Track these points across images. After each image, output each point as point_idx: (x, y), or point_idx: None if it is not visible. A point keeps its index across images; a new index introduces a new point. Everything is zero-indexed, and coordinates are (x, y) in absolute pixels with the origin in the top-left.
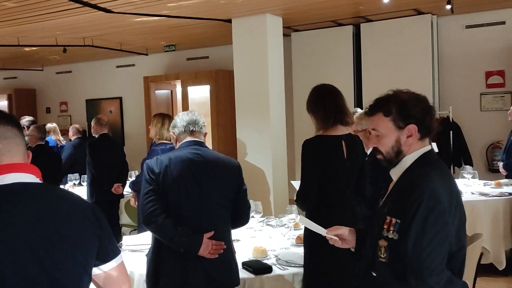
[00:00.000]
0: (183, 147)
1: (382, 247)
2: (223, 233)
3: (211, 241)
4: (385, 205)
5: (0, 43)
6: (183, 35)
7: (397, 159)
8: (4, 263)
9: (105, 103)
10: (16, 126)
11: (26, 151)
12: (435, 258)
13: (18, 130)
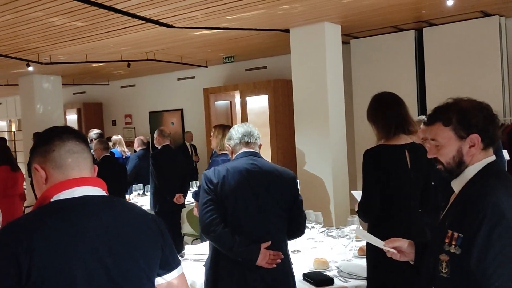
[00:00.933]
0: (239, 157)
1: (444, 262)
2: (279, 243)
3: (269, 251)
4: (446, 218)
5: (70, 61)
6: (241, 47)
7: (458, 170)
8: (75, 274)
9: (167, 115)
10: (84, 142)
11: (93, 165)
12: (501, 275)
13: (85, 145)
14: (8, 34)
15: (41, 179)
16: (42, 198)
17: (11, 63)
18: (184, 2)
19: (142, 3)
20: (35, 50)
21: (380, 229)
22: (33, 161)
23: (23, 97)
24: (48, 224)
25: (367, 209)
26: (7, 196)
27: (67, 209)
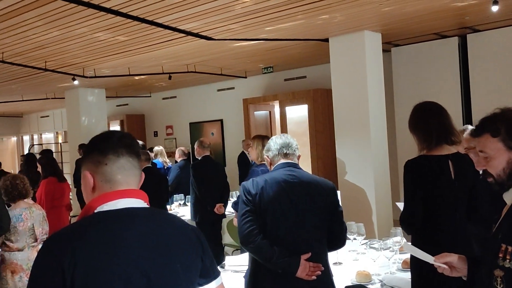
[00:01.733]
0: (278, 169)
1: (498, 277)
2: (319, 255)
3: (309, 263)
4: (499, 231)
5: (114, 74)
6: (280, 57)
7: (510, 181)
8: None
9: (207, 126)
10: (137, 157)
11: (140, 179)
12: None
13: (137, 160)
14: (55, 50)
15: (89, 186)
16: (87, 209)
17: (58, 77)
18: (223, 15)
19: (182, 17)
20: (81, 65)
21: (424, 241)
22: (85, 165)
23: (69, 109)
24: (91, 235)
25: (409, 220)
26: (54, 207)
27: (110, 221)
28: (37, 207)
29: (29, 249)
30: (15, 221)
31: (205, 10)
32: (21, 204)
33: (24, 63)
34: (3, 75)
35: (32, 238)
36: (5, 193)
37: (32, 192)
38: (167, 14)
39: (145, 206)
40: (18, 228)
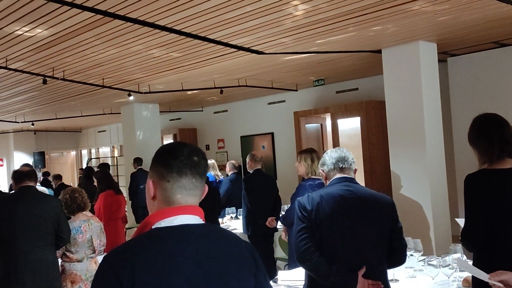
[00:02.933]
0: (333, 183)
1: None
2: (378, 272)
3: (368, 280)
4: None
5: (167, 89)
6: (331, 69)
7: None
8: None
9: (258, 139)
10: (200, 177)
11: (201, 197)
12: None
13: (201, 181)
14: (112, 67)
15: (150, 194)
16: (145, 224)
17: (114, 93)
18: (274, 29)
19: (234, 33)
20: (136, 81)
21: (486, 259)
22: (150, 173)
23: (125, 124)
24: (149, 252)
25: (470, 237)
26: (112, 219)
27: (166, 238)
28: (95, 219)
29: (88, 260)
30: (74, 233)
31: (256, 25)
32: (80, 217)
33: (83, 81)
34: (64, 92)
35: (90, 249)
36: (65, 206)
37: (90, 204)
38: (219, 30)
39: (201, 223)
40: (78, 240)
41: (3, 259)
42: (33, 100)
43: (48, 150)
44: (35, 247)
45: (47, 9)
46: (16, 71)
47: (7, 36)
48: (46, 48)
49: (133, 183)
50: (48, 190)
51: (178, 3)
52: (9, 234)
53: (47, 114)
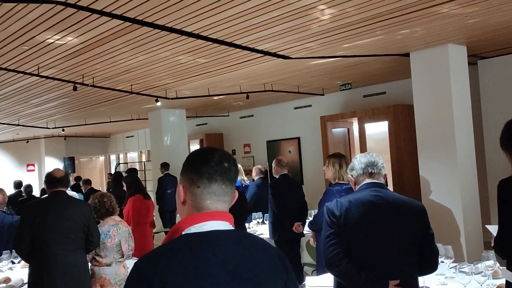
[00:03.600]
0: (362, 189)
1: None
2: (409, 279)
3: None
4: None
5: (194, 95)
6: (358, 73)
7: None
8: None
9: (284, 144)
10: (230, 183)
11: (231, 203)
12: None
13: (231, 187)
14: (140, 73)
15: (180, 199)
16: (175, 230)
17: (142, 99)
18: (300, 34)
19: (260, 38)
20: (163, 87)
21: None
22: (181, 178)
23: (152, 129)
24: (179, 257)
25: (504, 245)
26: (140, 224)
27: (196, 244)
28: (123, 224)
29: (117, 264)
30: (103, 237)
31: (282, 30)
32: (109, 221)
33: (112, 87)
34: (93, 98)
35: (119, 254)
36: (94, 211)
37: (118, 209)
38: (245, 36)
39: (230, 229)
40: (107, 244)
41: (36, 261)
42: (63, 106)
43: (78, 155)
44: (66, 251)
45: (78, 17)
46: (48, 78)
47: (39, 45)
48: (76, 55)
49: (160, 187)
50: (78, 194)
51: (205, 10)
52: (41, 238)
53: (77, 120)
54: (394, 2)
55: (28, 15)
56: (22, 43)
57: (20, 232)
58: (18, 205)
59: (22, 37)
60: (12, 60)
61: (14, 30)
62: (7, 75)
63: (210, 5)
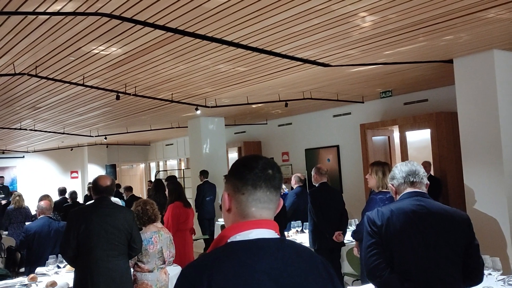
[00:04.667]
0: (404, 198)
1: None
2: None
3: None
4: None
5: (233, 103)
6: (399, 80)
7: None
8: None
9: (323, 152)
10: (275, 190)
11: (276, 211)
12: None
13: (275, 194)
14: (181, 82)
15: (225, 207)
16: (220, 238)
17: (182, 108)
18: (340, 41)
19: (300, 46)
20: (203, 95)
21: None
22: (226, 186)
23: (192, 138)
24: (225, 265)
25: None
26: (180, 230)
27: (242, 252)
28: (165, 231)
29: (158, 270)
30: (146, 244)
31: (322, 38)
32: (151, 228)
33: (153, 96)
34: (135, 107)
35: (160, 260)
36: (137, 218)
37: (160, 216)
38: (285, 44)
39: (276, 237)
40: (149, 251)
41: (81, 266)
42: (106, 115)
43: (119, 163)
44: (109, 256)
45: (122, 28)
46: (92, 88)
47: (85, 55)
48: (119, 65)
49: (199, 195)
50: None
51: (245, 19)
52: (86, 244)
53: (118, 128)
54: (438, 8)
55: (75, 27)
56: (68, 54)
57: (66, 238)
58: (63, 211)
59: (69, 48)
60: (60, 71)
61: (61, 42)
62: (54, 85)
63: (250, 14)
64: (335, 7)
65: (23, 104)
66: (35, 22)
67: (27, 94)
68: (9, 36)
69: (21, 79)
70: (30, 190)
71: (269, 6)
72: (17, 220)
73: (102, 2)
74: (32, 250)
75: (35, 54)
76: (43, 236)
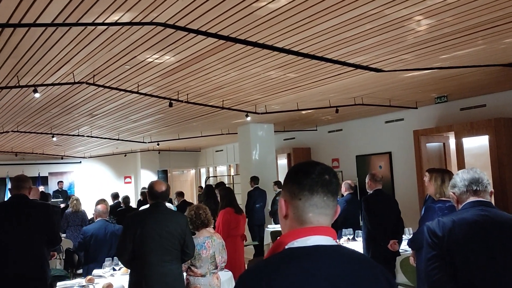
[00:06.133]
0: (467, 207)
1: None
2: None
3: None
4: None
5: (283, 109)
6: (455, 85)
7: None
8: None
9: (375, 158)
10: (332, 195)
11: (333, 217)
12: None
13: (332, 199)
14: (232, 89)
15: (282, 213)
16: (278, 244)
17: (233, 114)
18: (394, 46)
19: (352, 51)
20: (253, 102)
21: None
22: (283, 192)
23: (241, 144)
24: (284, 271)
25: None
26: (231, 236)
27: (300, 258)
28: (217, 236)
29: (210, 275)
30: (199, 248)
31: (375, 42)
32: (204, 233)
33: (204, 103)
34: (186, 114)
35: (213, 265)
36: (190, 222)
37: (213, 221)
38: (336, 50)
39: (334, 244)
40: (202, 255)
41: (136, 270)
42: (159, 122)
43: (171, 168)
44: (163, 261)
45: (175, 37)
46: (146, 95)
47: (139, 64)
48: (172, 73)
49: (249, 201)
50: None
51: (296, 25)
52: (140, 248)
53: (170, 135)
54: (498, 10)
55: (131, 36)
56: (124, 63)
57: (122, 241)
58: (117, 215)
59: (125, 57)
60: (116, 79)
61: (118, 51)
62: (110, 93)
63: (302, 20)
64: (388, 11)
65: (81, 111)
66: (94, 33)
67: (84, 102)
68: (69, 46)
69: (80, 88)
70: (86, 194)
71: (321, 12)
72: (75, 223)
73: (157, 12)
74: (89, 252)
75: (93, 64)
76: (100, 239)
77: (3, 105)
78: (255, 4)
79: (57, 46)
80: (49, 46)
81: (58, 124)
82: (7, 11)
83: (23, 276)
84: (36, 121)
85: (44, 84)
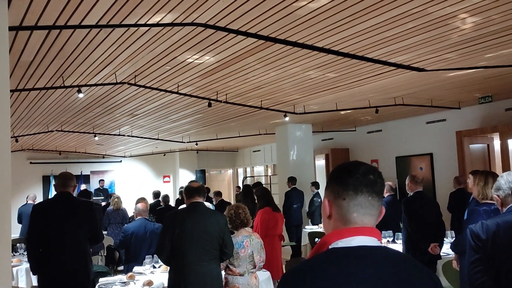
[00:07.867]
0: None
1: None
2: None
3: None
4: None
5: (322, 109)
6: (500, 85)
7: None
8: None
9: (415, 160)
10: (377, 195)
11: (378, 218)
12: None
13: (377, 199)
14: (270, 90)
15: (325, 213)
16: (321, 244)
17: (271, 114)
18: (438, 45)
19: (393, 50)
20: (292, 102)
21: None
22: (326, 192)
23: (279, 144)
24: (327, 271)
25: None
26: (268, 235)
27: (344, 258)
28: (256, 235)
29: (249, 274)
30: (237, 247)
31: (418, 41)
32: (242, 232)
33: (243, 103)
34: (225, 114)
35: (251, 264)
36: (229, 221)
37: (252, 221)
38: (377, 49)
39: (379, 245)
40: (240, 254)
41: (175, 270)
42: (198, 122)
43: (208, 168)
44: (202, 261)
45: (215, 37)
46: (185, 96)
47: (180, 64)
48: (212, 73)
49: (287, 201)
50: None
51: (336, 25)
52: (180, 247)
53: (209, 135)
54: None
55: (172, 37)
56: (165, 63)
57: (162, 240)
58: (157, 214)
59: (165, 57)
60: (156, 79)
61: (159, 52)
62: (151, 93)
63: (342, 20)
64: (431, 9)
65: (122, 111)
66: (136, 34)
67: (126, 102)
68: (112, 47)
69: (121, 88)
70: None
71: (362, 11)
72: (116, 221)
73: (198, 12)
74: (130, 250)
75: (134, 64)
76: (140, 237)
77: (48, 105)
78: (295, 3)
79: (100, 47)
80: (93, 47)
81: (100, 123)
82: (54, 14)
83: (70, 270)
84: (79, 120)
85: (87, 84)
